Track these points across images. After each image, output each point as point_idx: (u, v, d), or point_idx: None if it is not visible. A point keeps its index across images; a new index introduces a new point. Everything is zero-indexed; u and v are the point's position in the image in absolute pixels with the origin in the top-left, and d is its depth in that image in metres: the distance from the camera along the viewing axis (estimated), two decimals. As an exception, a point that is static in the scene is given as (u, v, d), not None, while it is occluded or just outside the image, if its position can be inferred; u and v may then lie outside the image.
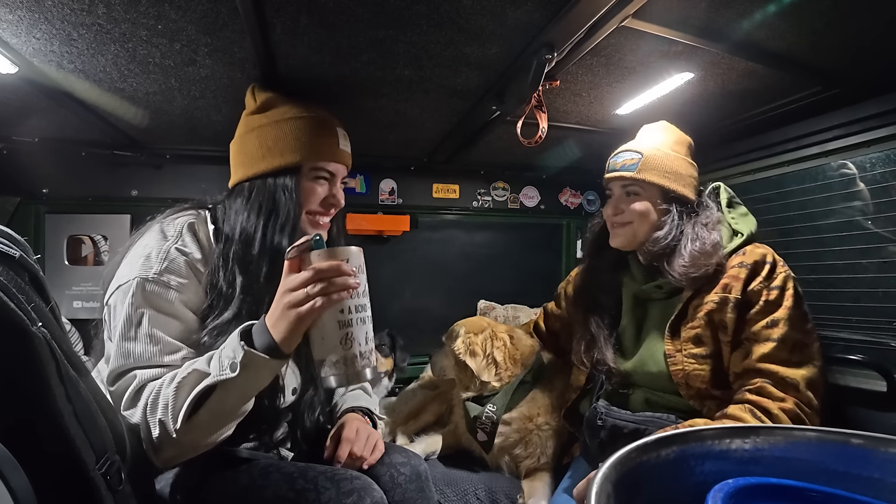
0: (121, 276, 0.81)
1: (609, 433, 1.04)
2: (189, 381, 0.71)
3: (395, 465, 0.93)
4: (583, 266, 1.27)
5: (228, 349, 0.70)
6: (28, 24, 0.80)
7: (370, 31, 0.86)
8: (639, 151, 1.06)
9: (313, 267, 0.67)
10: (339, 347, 0.68)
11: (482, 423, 1.25)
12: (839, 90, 1.10)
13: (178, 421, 0.69)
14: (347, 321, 0.69)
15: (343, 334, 0.68)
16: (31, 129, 1.39)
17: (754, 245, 1.01)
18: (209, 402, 0.70)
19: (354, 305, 0.70)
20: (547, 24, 0.83)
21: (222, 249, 0.85)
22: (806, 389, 0.88)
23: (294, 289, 0.67)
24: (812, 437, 0.50)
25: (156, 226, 0.87)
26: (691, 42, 0.90)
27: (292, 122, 0.91)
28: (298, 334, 0.69)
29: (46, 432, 0.56)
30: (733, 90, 1.13)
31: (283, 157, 0.89)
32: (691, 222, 1.03)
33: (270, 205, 0.88)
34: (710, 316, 0.97)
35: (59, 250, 1.56)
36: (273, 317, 0.69)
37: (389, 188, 1.87)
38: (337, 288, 0.66)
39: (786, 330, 0.91)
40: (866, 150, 1.10)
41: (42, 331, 0.56)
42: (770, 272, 0.96)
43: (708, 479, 0.46)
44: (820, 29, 0.87)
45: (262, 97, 0.95)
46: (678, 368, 0.98)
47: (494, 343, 1.32)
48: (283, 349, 0.69)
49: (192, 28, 0.83)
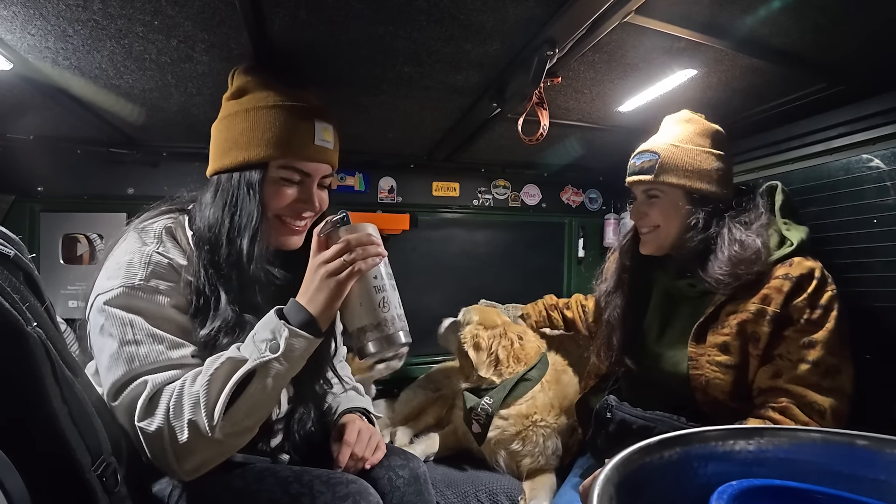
0: (101, 286, 0.74)
1: (617, 427, 1.01)
2: (222, 372, 0.67)
3: (393, 468, 0.92)
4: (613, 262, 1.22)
5: (264, 332, 0.70)
6: (23, 19, 0.79)
7: (369, 28, 0.85)
8: (656, 151, 1.00)
9: (345, 238, 0.72)
10: (378, 311, 0.73)
11: (477, 415, 1.25)
12: (844, 87, 1.08)
13: (214, 417, 0.65)
14: (381, 286, 0.75)
15: (380, 298, 0.74)
16: (26, 126, 1.39)
17: (803, 257, 0.93)
18: (248, 392, 0.68)
19: (385, 273, 0.76)
20: (548, 21, 0.82)
21: (200, 251, 0.80)
22: (831, 418, 0.85)
23: (329, 260, 0.71)
24: (817, 439, 0.50)
25: (132, 233, 0.80)
26: (695, 38, 0.89)
27: (264, 112, 0.82)
28: (335, 306, 0.71)
29: (41, 433, 0.55)
30: (737, 87, 1.12)
31: (247, 151, 0.81)
32: (727, 222, 0.97)
33: (233, 206, 0.80)
34: (742, 326, 0.92)
35: (54, 249, 1.55)
36: (308, 292, 0.72)
37: (389, 186, 1.86)
38: (370, 254, 0.72)
39: (822, 353, 0.86)
40: (871, 148, 1.09)
41: (37, 331, 0.56)
42: (817, 289, 0.89)
43: (711, 480, 0.45)
44: (824, 25, 0.86)
45: (240, 81, 0.87)
46: (699, 373, 0.95)
47: (501, 341, 1.32)
48: (321, 323, 0.71)
49: (189, 24, 0.83)
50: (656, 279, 1.11)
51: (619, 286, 1.14)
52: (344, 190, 1.78)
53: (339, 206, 1.07)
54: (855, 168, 1.11)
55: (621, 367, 1.09)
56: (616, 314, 1.11)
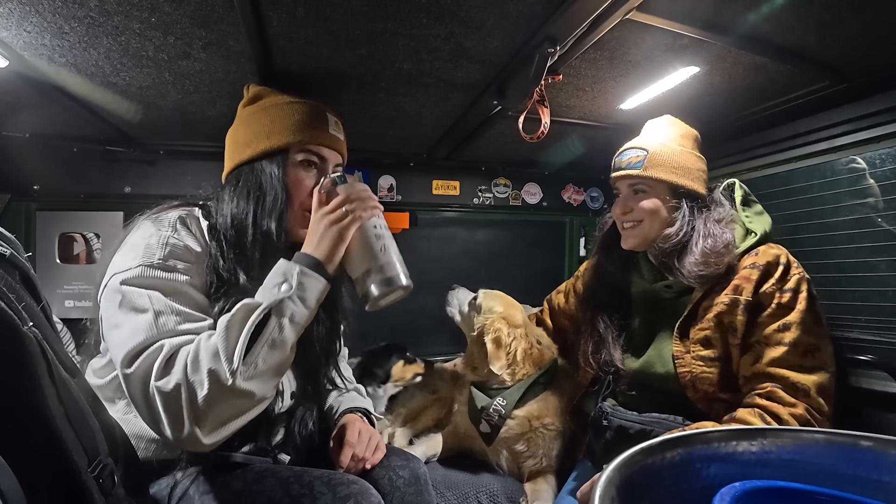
0: (117, 266, 0.74)
1: (615, 433, 1.03)
2: (238, 318, 0.69)
3: (393, 469, 0.92)
4: (591, 264, 1.25)
5: (275, 277, 0.74)
6: (19, 16, 0.79)
7: (368, 24, 0.85)
8: (644, 148, 1.04)
9: (349, 191, 0.78)
10: (379, 255, 0.79)
11: (488, 415, 1.24)
12: (848, 84, 1.08)
13: (234, 361, 0.66)
14: (381, 234, 0.81)
15: (380, 245, 0.80)
16: (22, 124, 1.38)
17: (768, 245, 0.98)
18: (265, 333, 0.69)
19: (381, 223, 0.82)
20: (549, 17, 0.82)
21: (218, 242, 0.82)
22: (817, 395, 0.86)
23: (332, 210, 0.77)
24: (820, 440, 0.49)
25: (146, 221, 0.82)
26: (697, 35, 0.89)
27: (281, 107, 0.90)
28: (339, 251, 0.77)
29: (37, 434, 0.55)
30: (740, 85, 1.12)
31: (269, 139, 0.87)
32: (703, 218, 1.01)
33: (257, 190, 0.85)
34: (719, 318, 0.95)
35: (51, 248, 1.54)
36: (313, 240, 0.77)
37: (388, 185, 1.85)
38: (368, 205, 0.79)
39: (798, 334, 0.89)
40: (876, 146, 1.08)
41: (33, 330, 0.55)
42: (783, 274, 0.93)
43: (714, 482, 0.45)
44: (828, 22, 0.85)
45: (255, 90, 0.95)
46: (686, 370, 0.97)
47: (522, 343, 1.29)
48: (328, 267, 0.76)
49: (187, 21, 0.82)
50: (633, 285, 1.13)
51: (600, 287, 1.17)
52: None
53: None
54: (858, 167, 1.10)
55: (611, 373, 1.10)
56: (599, 318, 1.13)
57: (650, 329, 1.08)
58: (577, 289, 1.33)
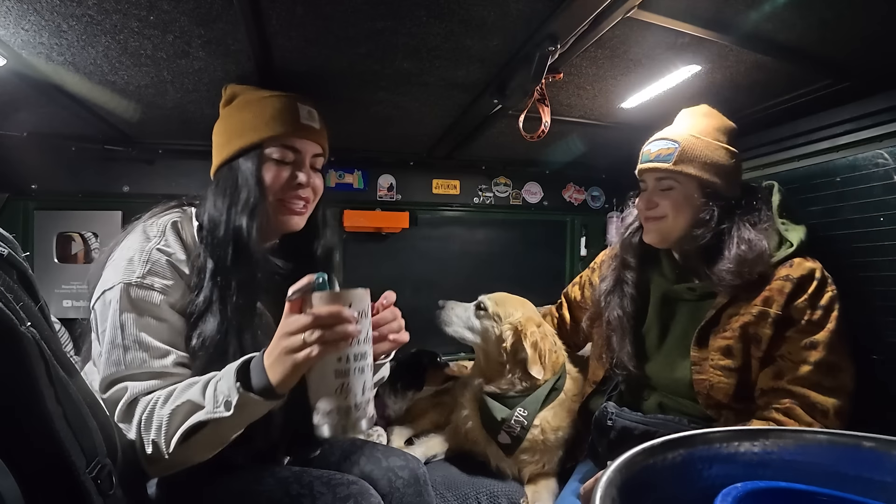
0: (105, 280, 0.79)
1: (619, 434, 1.01)
2: (182, 411, 0.70)
3: (392, 469, 0.92)
4: (610, 255, 1.20)
5: (224, 384, 0.69)
6: (16, 15, 0.78)
7: (368, 23, 0.84)
8: (675, 140, 0.98)
9: (313, 312, 0.64)
10: (334, 397, 0.66)
11: (510, 427, 1.20)
12: (850, 83, 1.07)
13: (170, 446, 0.70)
14: (344, 370, 0.66)
15: (339, 384, 0.66)
16: (20, 123, 1.37)
17: (803, 258, 0.94)
18: (202, 433, 0.70)
19: (353, 354, 0.67)
20: (550, 15, 0.81)
21: (203, 243, 0.84)
22: (835, 417, 0.85)
23: (292, 333, 0.64)
24: (823, 440, 0.49)
25: (139, 226, 0.85)
26: (698, 34, 0.88)
27: (254, 104, 0.90)
28: (295, 378, 0.67)
29: (35, 435, 0.54)
30: (741, 83, 1.11)
31: (243, 137, 0.88)
32: (735, 221, 0.96)
33: (233, 188, 0.85)
34: (744, 328, 0.92)
35: (49, 248, 1.53)
36: (270, 358, 0.67)
37: (388, 184, 1.84)
38: (336, 336, 0.63)
39: (824, 354, 0.87)
40: (878, 145, 1.08)
41: (31, 331, 0.55)
42: (817, 290, 0.90)
43: (715, 483, 0.45)
44: (830, 20, 0.84)
45: (231, 90, 0.95)
46: (703, 378, 0.94)
47: (546, 343, 1.25)
48: (279, 391, 0.68)
49: (185, 19, 0.81)
50: (654, 283, 1.09)
51: (619, 284, 1.12)
52: (343, 188, 1.77)
53: (339, 203, 1.06)
54: (861, 165, 1.09)
55: (622, 372, 1.07)
56: (616, 315, 1.09)
57: (666, 330, 1.05)
58: (594, 281, 1.28)
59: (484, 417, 1.25)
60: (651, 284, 1.10)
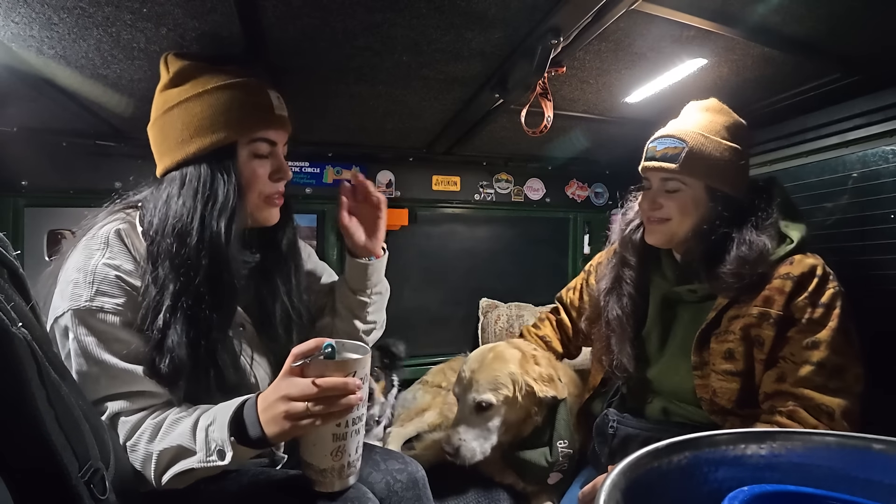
0: (55, 307, 0.74)
1: (621, 441, 0.99)
2: (171, 453, 0.70)
3: (391, 472, 0.90)
4: (608, 256, 1.18)
5: (217, 434, 0.68)
6: (6, 7, 0.77)
7: (366, 15, 0.83)
8: (683, 139, 0.94)
9: (320, 384, 0.64)
10: (329, 458, 0.69)
11: (560, 465, 1.13)
12: (860, 77, 1.05)
13: (160, 482, 0.71)
14: (343, 434, 0.69)
15: (336, 447, 0.69)
16: (9, 118, 1.35)
17: (803, 255, 0.91)
18: (193, 473, 0.71)
19: (352, 418, 0.69)
20: (553, 8, 0.80)
21: (151, 249, 0.77)
22: (841, 418, 0.82)
23: (295, 398, 0.64)
24: (832, 443, 0.49)
25: (81, 243, 0.78)
26: (705, 26, 0.86)
27: (217, 93, 0.80)
28: (287, 438, 0.68)
29: (26, 438, 0.54)
30: (749, 77, 1.09)
31: (213, 135, 0.79)
32: (739, 222, 0.93)
33: (207, 191, 0.77)
34: (746, 330, 0.90)
35: (39, 246, 1.51)
36: (267, 414, 0.67)
37: (387, 180, 1.82)
38: (340, 408, 0.64)
39: (826, 353, 0.84)
40: (889, 140, 1.06)
41: (22, 331, 0.54)
42: (818, 287, 0.87)
43: (722, 486, 0.45)
44: (839, 12, 0.83)
45: (176, 66, 0.83)
46: (704, 382, 0.92)
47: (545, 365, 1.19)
48: (272, 443, 0.69)
49: (179, 11, 0.80)
50: (654, 285, 1.07)
51: (618, 283, 1.10)
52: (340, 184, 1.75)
53: (337, 199, 1.05)
54: (871, 161, 1.07)
55: (622, 375, 1.05)
56: (615, 314, 1.07)
57: (668, 334, 1.03)
58: (591, 283, 1.26)
59: (526, 472, 1.17)
60: (651, 286, 1.08)
